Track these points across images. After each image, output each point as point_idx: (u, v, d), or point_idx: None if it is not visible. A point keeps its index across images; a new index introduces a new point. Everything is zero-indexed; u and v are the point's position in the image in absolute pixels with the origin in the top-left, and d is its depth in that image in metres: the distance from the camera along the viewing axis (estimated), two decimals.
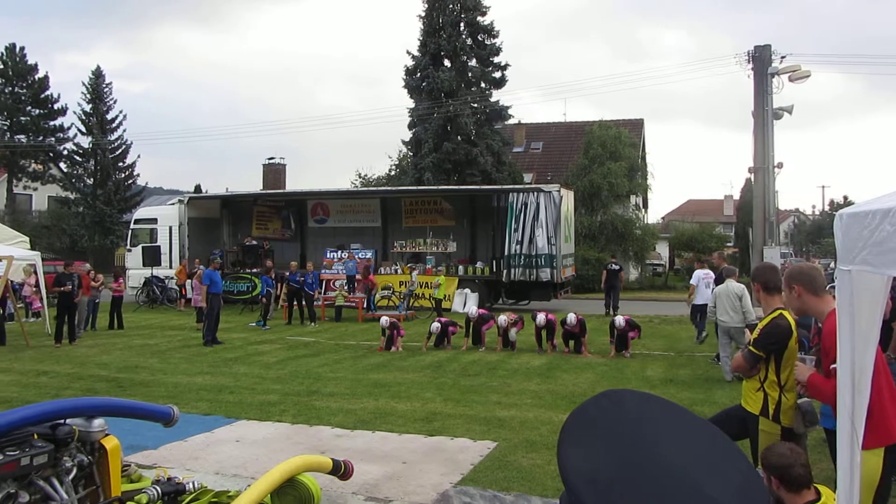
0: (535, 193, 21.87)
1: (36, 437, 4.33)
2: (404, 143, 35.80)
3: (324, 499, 5.47)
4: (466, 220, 25.16)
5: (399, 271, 23.17)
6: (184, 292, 24.46)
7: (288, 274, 19.60)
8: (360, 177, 44.18)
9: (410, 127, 34.19)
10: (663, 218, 57.55)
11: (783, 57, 17.29)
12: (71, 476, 4.46)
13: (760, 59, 17.26)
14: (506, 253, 21.83)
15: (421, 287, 21.70)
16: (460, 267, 23.15)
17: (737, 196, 45.77)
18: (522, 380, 10.95)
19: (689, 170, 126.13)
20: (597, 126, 35.19)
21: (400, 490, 6.04)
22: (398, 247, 24.47)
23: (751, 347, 4.46)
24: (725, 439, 0.98)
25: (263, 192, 32.29)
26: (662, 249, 43.12)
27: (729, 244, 42.19)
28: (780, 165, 17.60)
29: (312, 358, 13.35)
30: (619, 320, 13.19)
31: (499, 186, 26.67)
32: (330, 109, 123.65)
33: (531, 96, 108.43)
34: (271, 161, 42.41)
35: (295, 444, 7.25)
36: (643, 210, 39.36)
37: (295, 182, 50.90)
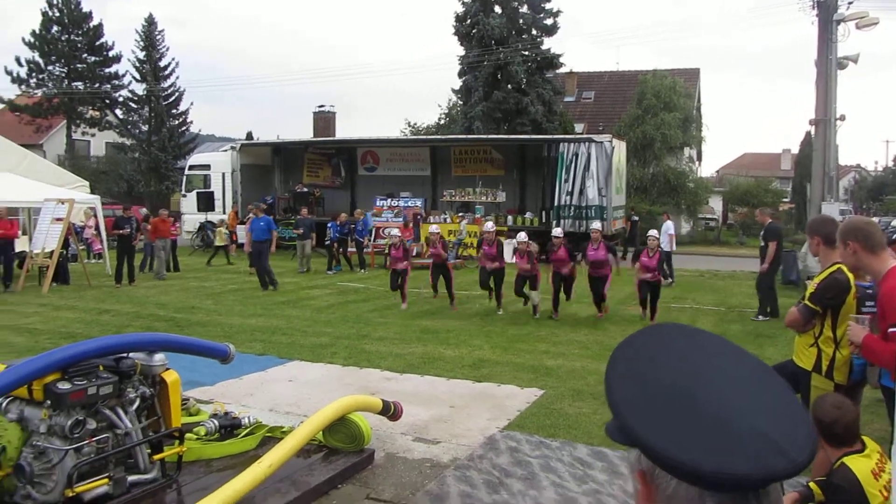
0: (587, 144, 21.52)
1: (102, 368, 4.52)
2: (454, 91, 35.41)
3: (373, 438, 5.61)
4: (516, 170, 24.96)
5: (448, 220, 23.20)
6: (235, 238, 24.96)
7: (330, 223, 19.81)
8: (409, 125, 44.04)
9: (460, 75, 33.76)
10: (717, 171, 56.16)
11: (850, 3, 16.49)
12: (134, 406, 4.66)
13: (825, 6, 16.47)
14: (555, 203, 21.65)
15: (470, 236, 21.72)
16: (509, 217, 23.06)
17: (795, 150, 44.25)
18: (569, 330, 10.97)
19: (745, 122, 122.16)
20: (651, 75, 34.26)
21: (447, 432, 6.16)
22: (447, 196, 24.45)
23: (807, 302, 4.36)
24: (775, 376, 0.97)
25: (314, 139, 32.41)
26: (716, 203, 42.19)
27: (785, 199, 41.04)
28: (843, 118, 16.90)
29: (362, 303, 13.56)
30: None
31: (549, 136, 26.31)
32: (379, 57, 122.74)
33: (583, 44, 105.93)
34: (321, 109, 42.45)
35: (345, 385, 7.42)
36: (697, 163, 38.45)
37: (344, 130, 51.01)
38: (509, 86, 31.80)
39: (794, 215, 35.42)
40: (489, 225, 12.70)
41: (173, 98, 41.89)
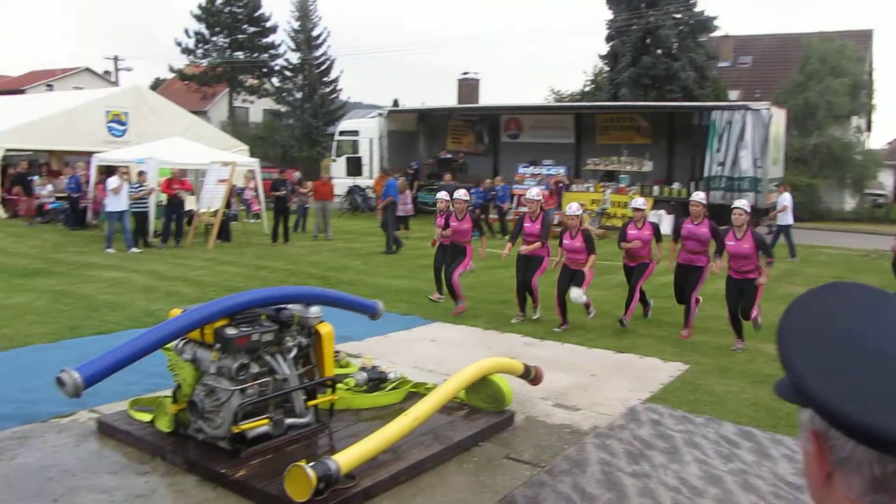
0: (742, 111, 20.37)
1: (264, 318, 4.84)
2: (600, 57, 34.45)
3: (514, 401, 5.68)
4: (664, 139, 24.05)
5: (591, 189, 22.79)
6: (380, 202, 25.73)
7: (473, 189, 19.96)
8: (553, 92, 43.40)
9: (608, 40, 32.76)
10: (890, 143, 51.55)
11: None
12: (291, 354, 4.96)
13: None
14: (706, 174, 20.71)
15: (613, 206, 21.27)
16: (655, 187, 22.32)
17: None
18: (717, 305, 10.51)
19: None
20: (816, 38, 31.78)
21: (587, 400, 6.13)
22: (591, 164, 24.00)
23: None
24: None
25: (458, 106, 32.71)
26: (886, 178, 38.81)
27: None
28: None
29: (504, 269, 13.62)
30: None
31: (701, 103, 25.12)
32: (525, 24, 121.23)
33: (741, 4, 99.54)
34: (466, 76, 42.67)
35: (486, 348, 7.54)
36: (866, 133, 35.46)
37: (488, 98, 51.01)
38: (659, 51, 30.56)
39: None
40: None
41: (325, 66, 43.49)
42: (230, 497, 4.15)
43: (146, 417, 5.06)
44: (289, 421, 4.87)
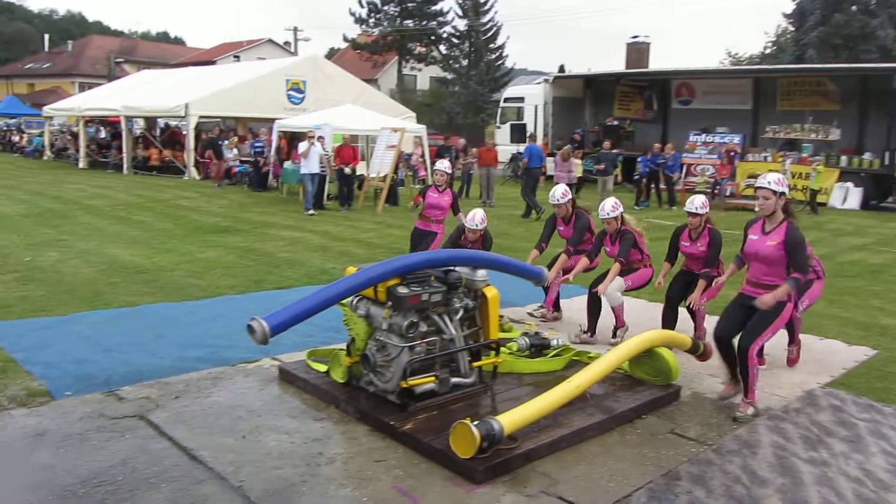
0: None
1: (433, 279, 4.98)
2: (785, 16, 32.04)
3: (680, 375, 5.52)
4: (855, 105, 21.98)
5: (769, 159, 21.36)
6: (544, 169, 25.54)
7: (650, 155, 19.29)
8: (729, 55, 40.95)
9: None
10: None
11: None
12: (458, 316, 5.08)
13: None
14: None
15: (794, 177, 19.83)
16: (843, 157, 20.54)
17: None
18: None
19: None
20: None
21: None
22: (770, 132, 22.46)
23: None
24: None
25: (627, 71, 31.61)
26: None
27: None
28: None
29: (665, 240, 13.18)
30: None
31: None
32: None
33: None
34: (635, 40, 41.14)
35: (652, 320, 7.33)
36: None
37: (658, 63, 48.92)
38: (854, 7, 27.90)
39: None
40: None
41: (491, 33, 43.52)
42: (398, 448, 4.36)
43: (322, 368, 5.40)
44: (454, 380, 5.01)
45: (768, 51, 36.45)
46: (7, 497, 3.64)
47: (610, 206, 6.88)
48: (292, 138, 21.47)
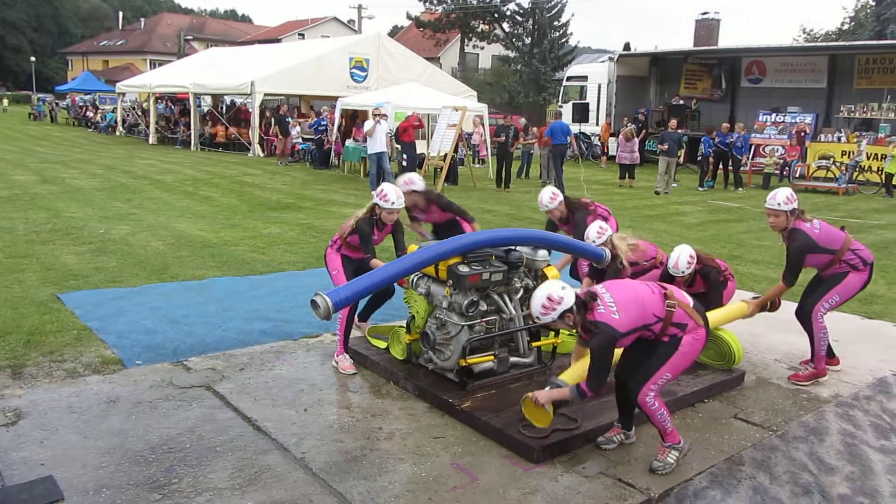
0: None
1: (494, 258, 4.97)
2: None
3: (744, 361, 5.39)
4: None
5: (843, 139, 20.56)
6: (606, 150, 25.18)
7: (715, 135, 18.76)
8: (804, 32, 39.42)
9: None
10: None
11: None
12: (518, 296, 5.06)
13: None
14: None
15: (868, 159, 19.05)
16: None
17: None
18: None
19: None
20: None
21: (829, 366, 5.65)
22: (845, 111, 21.60)
23: None
24: None
25: (695, 49, 30.73)
26: None
27: None
28: None
29: (735, 223, 12.86)
30: None
31: None
32: None
33: None
34: (704, 16, 39.92)
35: None
36: None
37: (727, 40, 47.42)
38: None
39: None
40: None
41: (555, 10, 42.86)
42: (456, 425, 4.39)
43: (382, 344, 5.46)
44: (513, 359, 5.01)
45: (846, 27, 34.93)
46: (85, 459, 3.81)
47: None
48: (353, 116, 21.64)
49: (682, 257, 5.23)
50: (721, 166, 18.64)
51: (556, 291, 3.67)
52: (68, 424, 4.20)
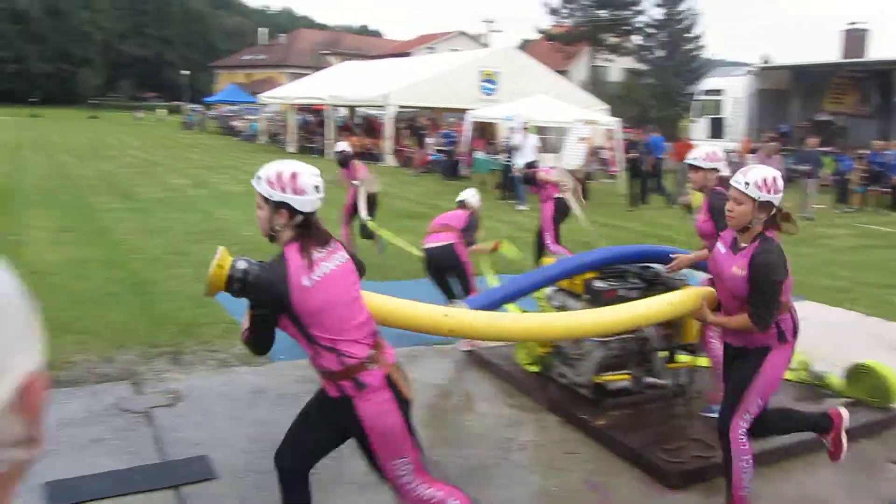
0: None
1: (631, 275, 4.90)
2: None
3: None
4: None
5: None
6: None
7: (843, 157, 17.61)
8: None
9: None
10: None
11: None
12: None
13: None
14: None
15: None
16: None
17: None
18: None
19: None
20: None
21: None
22: None
23: None
24: None
25: (843, 61, 28.99)
26: None
27: None
28: None
29: (888, 250, 12.02)
30: None
31: None
32: None
33: None
34: (852, 27, 37.63)
35: (868, 336, 6.75)
36: None
37: (878, 51, 44.40)
38: None
39: None
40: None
41: (688, 22, 41.69)
42: (589, 442, 4.34)
43: (521, 356, 5.48)
44: (648, 380, 4.91)
45: None
46: (233, 444, 4.06)
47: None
48: (482, 128, 21.85)
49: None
50: (875, 187, 17.43)
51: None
52: (220, 411, 4.49)
